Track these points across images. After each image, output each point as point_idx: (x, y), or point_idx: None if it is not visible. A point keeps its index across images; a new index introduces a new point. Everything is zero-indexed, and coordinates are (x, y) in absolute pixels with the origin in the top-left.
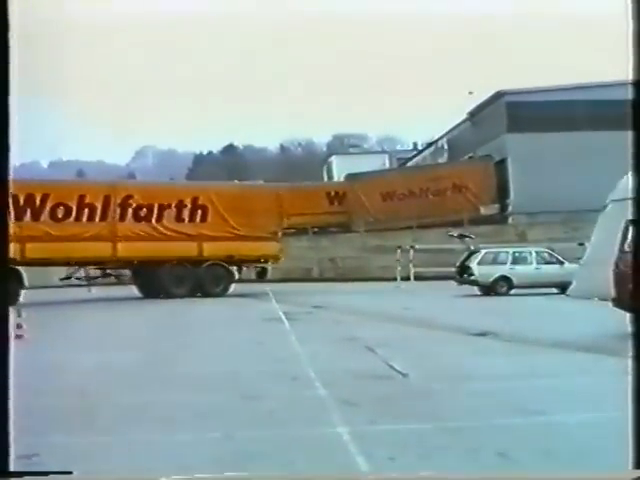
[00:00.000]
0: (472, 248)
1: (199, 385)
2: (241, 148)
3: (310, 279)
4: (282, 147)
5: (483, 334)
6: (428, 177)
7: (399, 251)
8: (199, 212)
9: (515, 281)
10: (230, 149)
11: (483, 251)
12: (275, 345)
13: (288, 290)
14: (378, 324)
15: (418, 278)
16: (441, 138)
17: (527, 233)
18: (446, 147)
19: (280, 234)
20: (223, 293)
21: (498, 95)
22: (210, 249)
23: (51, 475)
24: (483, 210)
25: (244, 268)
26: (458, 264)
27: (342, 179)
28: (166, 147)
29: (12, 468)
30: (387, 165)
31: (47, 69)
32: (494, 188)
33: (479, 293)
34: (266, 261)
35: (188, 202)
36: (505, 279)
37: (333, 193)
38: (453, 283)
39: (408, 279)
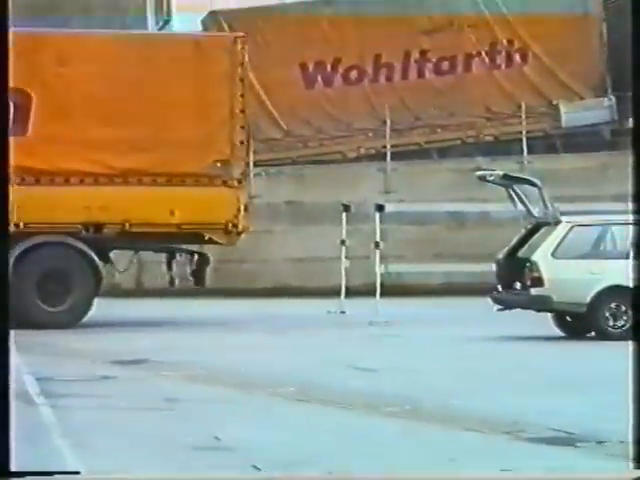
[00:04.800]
0: (538, 215)
1: None
2: None
3: (113, 292)
4: None
5: (569, 441)
6: (431, 19)
7: (344, 217)
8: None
9: None
10: None
11: (566, 221)
12: None
13: None
14: (282, 412)
15: (395, 290)
16: None
17: None
18: None
19: (242, 168)
20: (74, 319)
21: None
22: (32, 204)
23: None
24: (566, 112)
25: (177, 257)
26: (502, 255)
27: (199, 23)
28: None
29: (13, 468)
30: None
31: None
32: (600, 54)
33: (557, 330)
34: (209, 240)
35: None
36: (620, 296)
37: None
38: (488, 304)
39: (370, 293)
